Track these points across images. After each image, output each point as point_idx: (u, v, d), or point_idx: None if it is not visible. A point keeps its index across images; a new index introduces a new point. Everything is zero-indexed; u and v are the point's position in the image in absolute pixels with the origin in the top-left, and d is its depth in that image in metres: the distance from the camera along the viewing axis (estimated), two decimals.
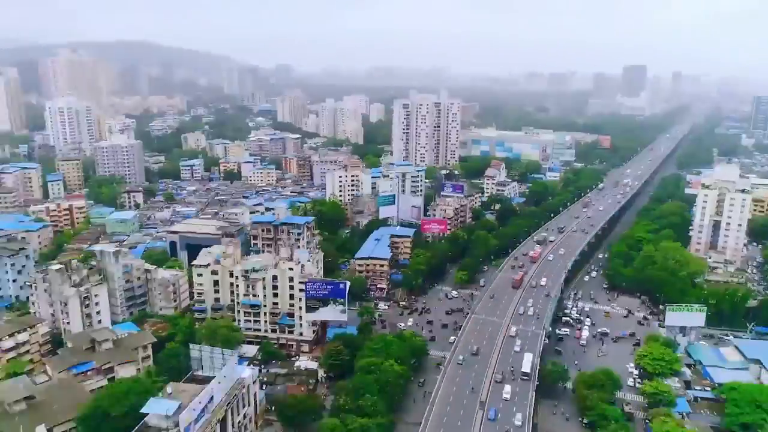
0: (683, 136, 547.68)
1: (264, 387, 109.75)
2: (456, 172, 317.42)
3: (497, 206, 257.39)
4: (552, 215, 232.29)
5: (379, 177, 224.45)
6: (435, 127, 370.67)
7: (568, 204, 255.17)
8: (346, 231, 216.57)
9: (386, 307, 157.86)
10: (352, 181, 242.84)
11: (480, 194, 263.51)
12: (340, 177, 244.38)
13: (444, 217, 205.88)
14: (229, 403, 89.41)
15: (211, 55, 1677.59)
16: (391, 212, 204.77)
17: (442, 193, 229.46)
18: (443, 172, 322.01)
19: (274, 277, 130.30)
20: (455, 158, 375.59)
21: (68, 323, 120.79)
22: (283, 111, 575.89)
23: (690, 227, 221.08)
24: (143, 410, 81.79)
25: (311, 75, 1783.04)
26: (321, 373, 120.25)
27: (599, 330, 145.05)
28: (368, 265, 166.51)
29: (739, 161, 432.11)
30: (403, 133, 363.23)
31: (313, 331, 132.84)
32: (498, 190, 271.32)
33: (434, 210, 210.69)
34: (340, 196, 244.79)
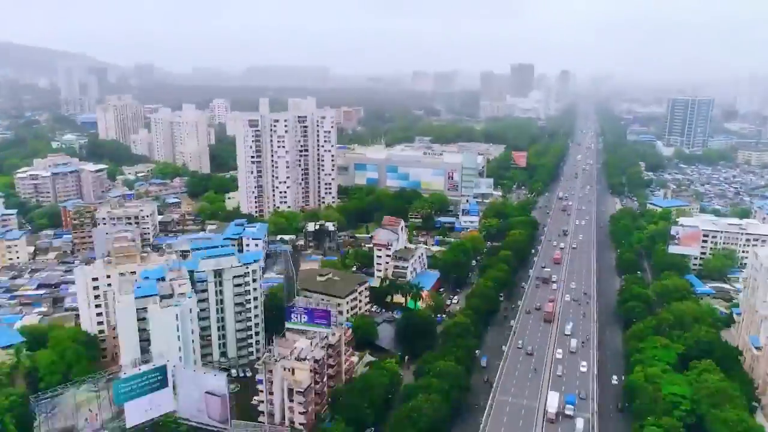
0: (595, 145, 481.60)
1: None
2: (331, 228, 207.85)
3: (395, 294, 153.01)
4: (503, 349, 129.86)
5: (150, 298, 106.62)
6: (301, 151, 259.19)
7: (520, 310, 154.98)
8: None
9: None
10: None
11: (366, 281, 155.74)
12: (96, 281, 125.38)
13: (290, 394, 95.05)
14: None
15: (67, 54, 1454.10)
16: (160, 406, 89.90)
17: (288, 324, 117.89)
18: (311, 226, 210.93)
19: None
20: (332, 194, 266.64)
21: None
22: (106, 124, 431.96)
23: (736, 347, 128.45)
24: None
25: (179, 75, 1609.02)
26: None
27: None
28: None
29: (672, 177, 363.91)
30: (252, 162, 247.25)
31: None
32: (397, 268, 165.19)
33: (270, 373, 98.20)
34: (99, 319, 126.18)
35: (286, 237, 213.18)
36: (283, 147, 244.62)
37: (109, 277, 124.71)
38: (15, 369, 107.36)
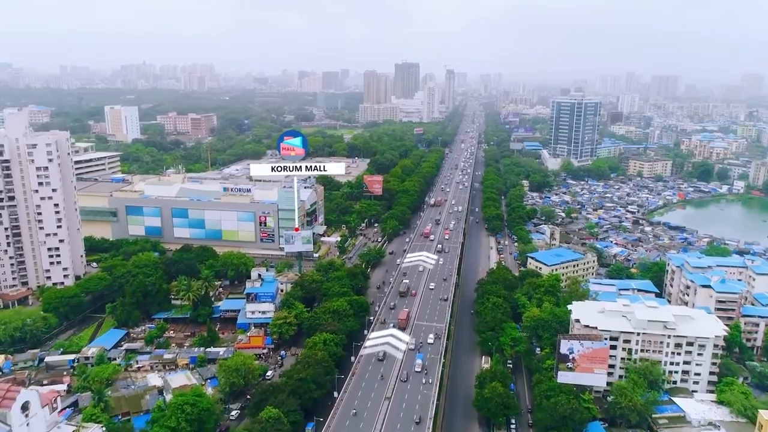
0: (475, 155, 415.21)
1: None
2: None
3: None
4: None
5: None
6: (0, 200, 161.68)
7: None
8: None
9: None
10: None
11: None
12: None
13: None
14: None
15: None
16: None
17: None
18: None
19: None
20: (65, 266, 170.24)
21: None
22: None
23: None
24: None
25: (43, 76, 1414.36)
26: None
27: None
28: None
29: (560, 198, 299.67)
30: None
31: None
32: None
33: None
34: None
35: None
36: None
37: None
38: None
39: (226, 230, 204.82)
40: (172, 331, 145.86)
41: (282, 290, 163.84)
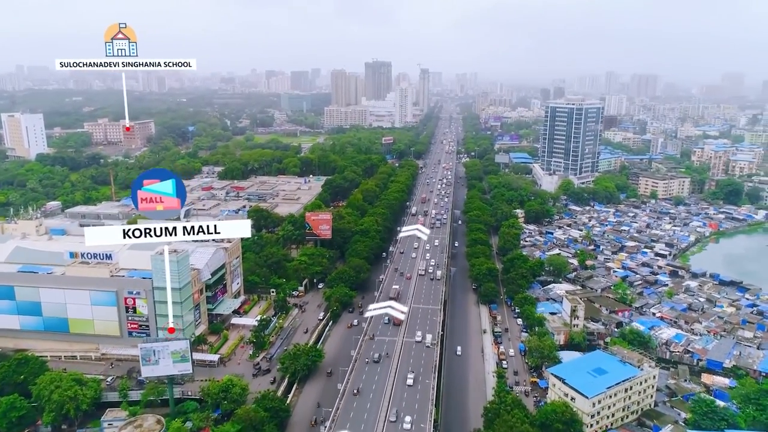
0: (454, 170, 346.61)
1: None
2: None
3: None
4: None
5: None
6: None
7: None
8: None
9: None
10: None
11: None
12: None
13: None
14: None
15: None
16: None
17: None
18: None
19: None
20: None
21: None
22: None
23: None
24: None
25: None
26: None
27: None
28: None
29: (565, 234, 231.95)
30: None
31: None
32: None
33: None
34: None
35: None
36: None
37: None
38: None
39: (74, 319, 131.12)
40: None
41: None
